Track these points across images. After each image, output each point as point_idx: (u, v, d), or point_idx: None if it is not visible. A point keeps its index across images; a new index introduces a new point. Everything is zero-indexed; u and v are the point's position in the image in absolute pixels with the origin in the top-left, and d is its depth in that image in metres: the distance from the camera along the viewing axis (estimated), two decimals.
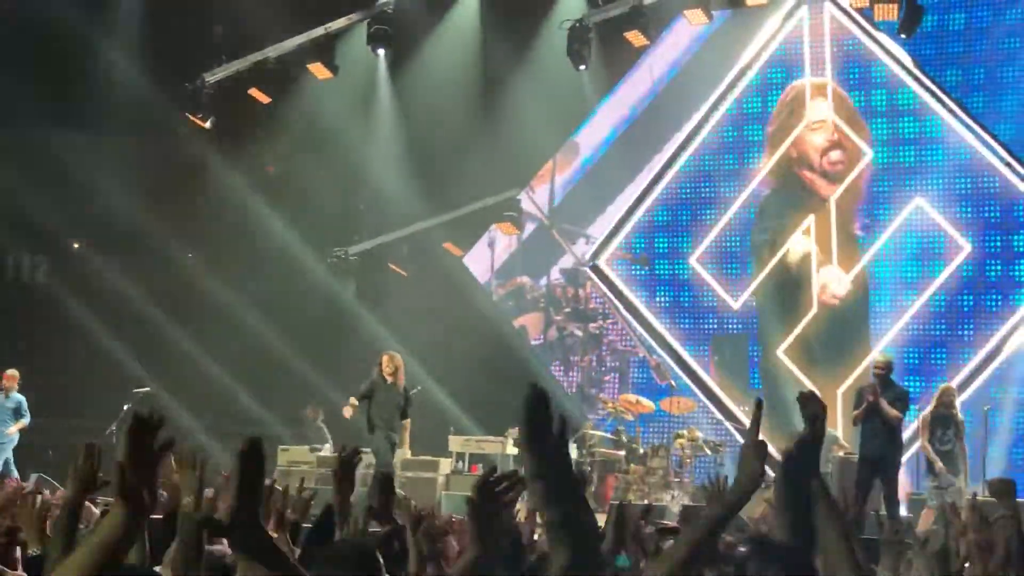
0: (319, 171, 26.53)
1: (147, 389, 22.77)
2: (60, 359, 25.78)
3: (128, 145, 26.60)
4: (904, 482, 19.21)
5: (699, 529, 4.33)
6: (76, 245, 28.02)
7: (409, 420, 20.21)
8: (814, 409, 3.26)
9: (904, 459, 19.14)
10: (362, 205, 28.30)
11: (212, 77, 25.37)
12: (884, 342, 22.81)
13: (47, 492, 12.38)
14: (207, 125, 25.43)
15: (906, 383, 22.04)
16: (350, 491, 6.78)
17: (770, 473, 4.76)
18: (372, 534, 6.58)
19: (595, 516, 3.37)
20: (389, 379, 19.56)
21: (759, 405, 4.15)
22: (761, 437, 4.15)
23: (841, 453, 19.06)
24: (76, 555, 3.60)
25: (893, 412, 17.00)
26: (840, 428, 20.98)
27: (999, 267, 22.81)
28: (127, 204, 25.49)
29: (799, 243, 24.05)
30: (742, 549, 4.57)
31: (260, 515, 3.55)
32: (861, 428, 17.34)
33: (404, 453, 21.12)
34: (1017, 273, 22.67)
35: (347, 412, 19.93)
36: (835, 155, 24.06)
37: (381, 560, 4.66)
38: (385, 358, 19.81)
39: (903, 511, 18.36)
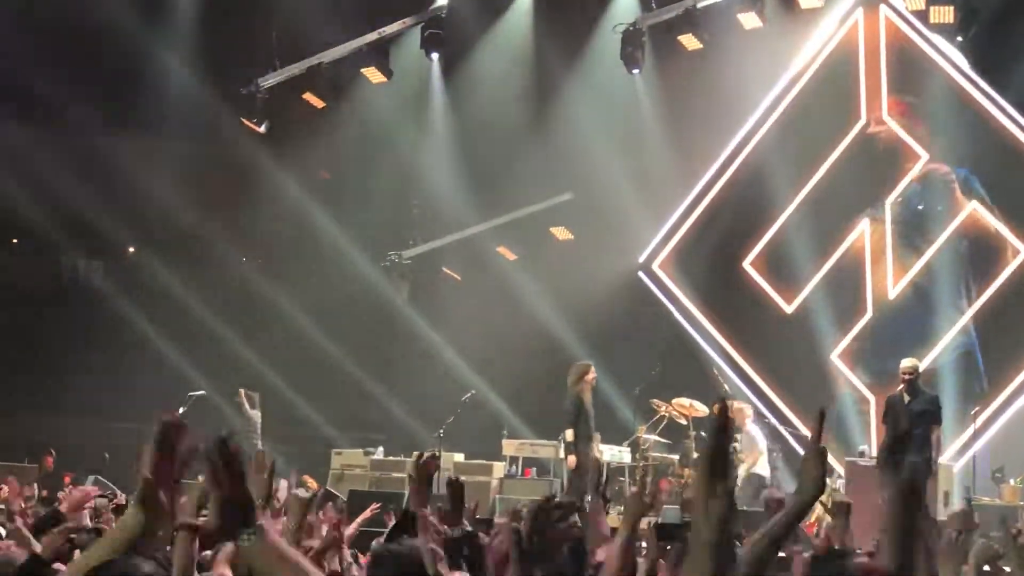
0: (373, 175, 26.61)
1: (201, 392, 22.89)
2: (115, 362, 25.93)
3: (183, 149, 26.78)
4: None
5: (762, 541, 4.32)
6: (131, 249, 28.19)
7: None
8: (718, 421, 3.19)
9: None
10: (416, 209, 28.35)
11: (267, 82, 25.47)
12: (939, 347, 22.70)
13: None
14: (262, 129, 25.54)
15: (962, 386, 22.05)
16: (426, 499, 6.53)
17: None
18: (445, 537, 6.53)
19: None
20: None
21: (822, 415, 4.12)
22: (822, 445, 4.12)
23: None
24: (91, 552, 3.68)
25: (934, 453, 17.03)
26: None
27: None
28: (182, 208, 25.66)
29: (854, 247, 23.94)
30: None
31: (251, 511, 3.53)
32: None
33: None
34: None
35: (571, 462, 19.94)
36: (891, 158, 23.94)
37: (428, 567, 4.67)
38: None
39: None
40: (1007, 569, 6.16)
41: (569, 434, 19.58)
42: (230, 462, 3.50)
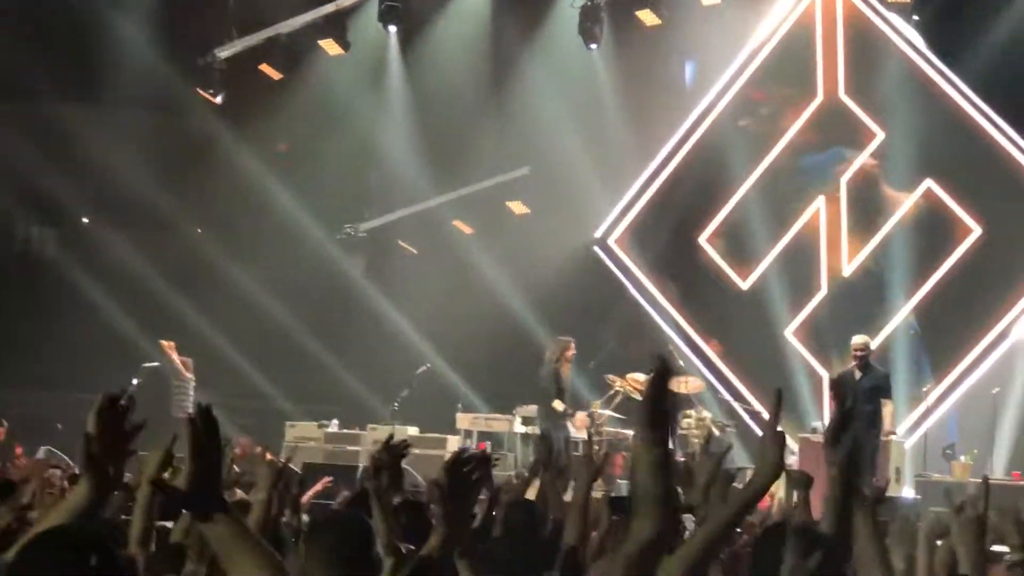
0: (329, 148, 26.53)
1: (155, 364, 22.82)
2: (68, 333, 25.78)
3: (139, 119, 26.62)
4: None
5: (720, 519, 4.34)
6: (85, 219, 28.03)
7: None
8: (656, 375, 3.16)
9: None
10: (372, 182, 28.31)
11: (223, 53, 25.37)
12: (893, 323, 22.82)
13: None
14: (218, 100, 25.44)
15: (914, 364, 22.21)
16: (396, 489, 6.15)
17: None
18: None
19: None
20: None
21: (779, 397, 4.14)
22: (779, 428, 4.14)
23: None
24: (42, 521, 3.69)
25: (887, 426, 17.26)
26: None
27: (1008, 249, 22.76)
28: (137, 178, 25.51)
29: (809, 224, 24.02)
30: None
31: (220, 484, 3.53)
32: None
33: None
34: None
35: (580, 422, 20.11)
36: (848, 136, 24.03)
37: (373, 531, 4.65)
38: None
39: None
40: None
41: (558, 404, 19.63)
42: (212, 433, 3.50)
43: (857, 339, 18.31)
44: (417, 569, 4.45)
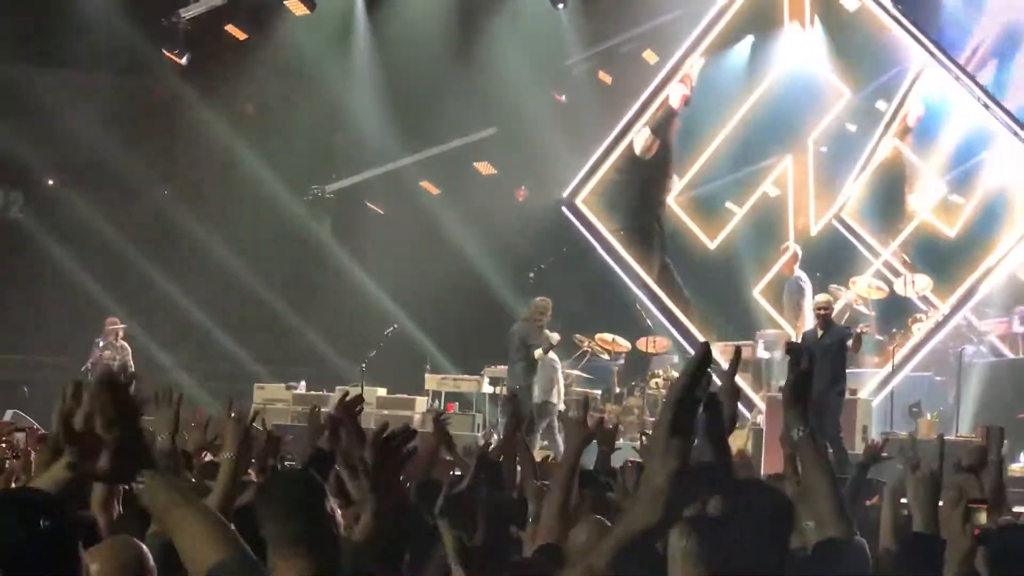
0: (296, 109, 26.45)
1: (123, 326, 22.73)
2: (35, 295, 25.70)
3: (104, 81, 26.48)
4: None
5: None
6: (51, 182, 27.88)
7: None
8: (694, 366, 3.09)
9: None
10: (339, 143, 28.22)
11: (188, 13, 25.21)
12: (860, 283, 22.86)
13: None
14: (183, 62, 25.29)
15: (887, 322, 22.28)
16: (359, 441, 6.07)
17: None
18: None
19: None
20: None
21: (738, 353, 4.14)
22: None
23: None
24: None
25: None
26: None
27: (978, 208, 22.82)
28: (103, 141, 25.37)
29: (776, 184, 24.04)
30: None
31: (145, 450, 3.46)
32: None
33: None
34: (995, 211, 22.69)
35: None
36: (815, 95, 24.03)
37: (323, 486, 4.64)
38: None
39: None
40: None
41: (555, 337, 19.42)
42: (122, 399, 3.41)
43: (819, 298, 18.43)
44: (360, 554, 4.46)
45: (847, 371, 17.80)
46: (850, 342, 17.53)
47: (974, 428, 19.51)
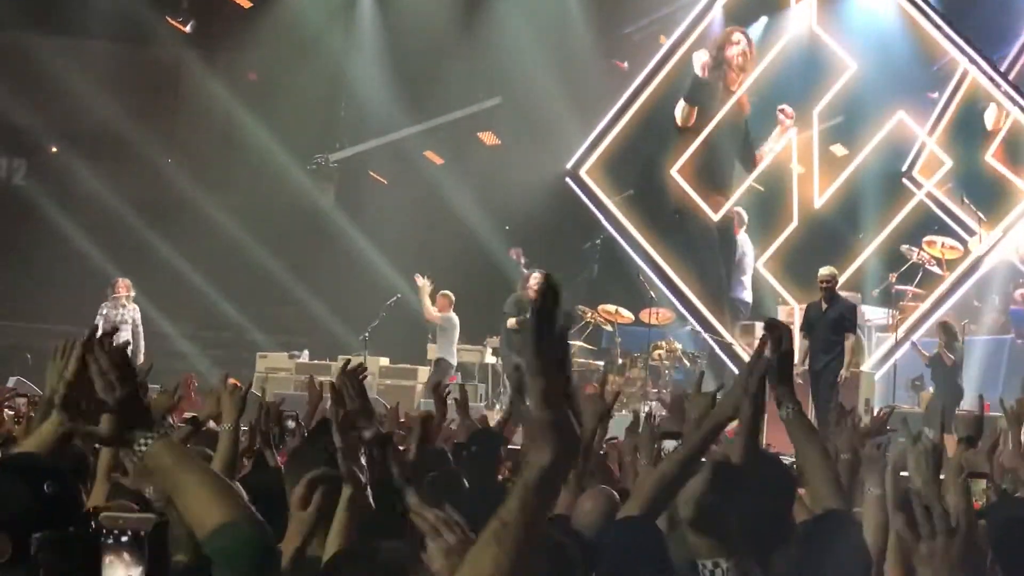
0: (300, 77, 26.37)
1: (131, 292, 22.67)
2: (39, 263, 25.69)
3: (108, 48, 26.42)
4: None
5: (693, 442, 4.36)
6: (54, 149, 27.85)
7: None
8: None
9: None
10: (343, 112, 28.17)
11: None
12: (864, 256, 22.84)
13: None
14: (187, 30, 25.23)
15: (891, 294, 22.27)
16: (367, 419, 5.99)
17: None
18: None
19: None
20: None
21: (773, 326, 4.15)
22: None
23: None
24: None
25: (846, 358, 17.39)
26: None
27: (979, 181, 22.78)
28: (107, 108, 25.35)
29: (781, 156, 23.96)
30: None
31: (145, 412, 3.46)
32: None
33: None
34: (996, 187, 22.65)
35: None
36: (820, 67, 23.95)
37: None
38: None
39: None
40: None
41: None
42: (118, 360, 3.43)
43: (824, 270, 18.38)
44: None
45: None
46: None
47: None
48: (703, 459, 4.45)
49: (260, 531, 3.35)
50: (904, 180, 23.25)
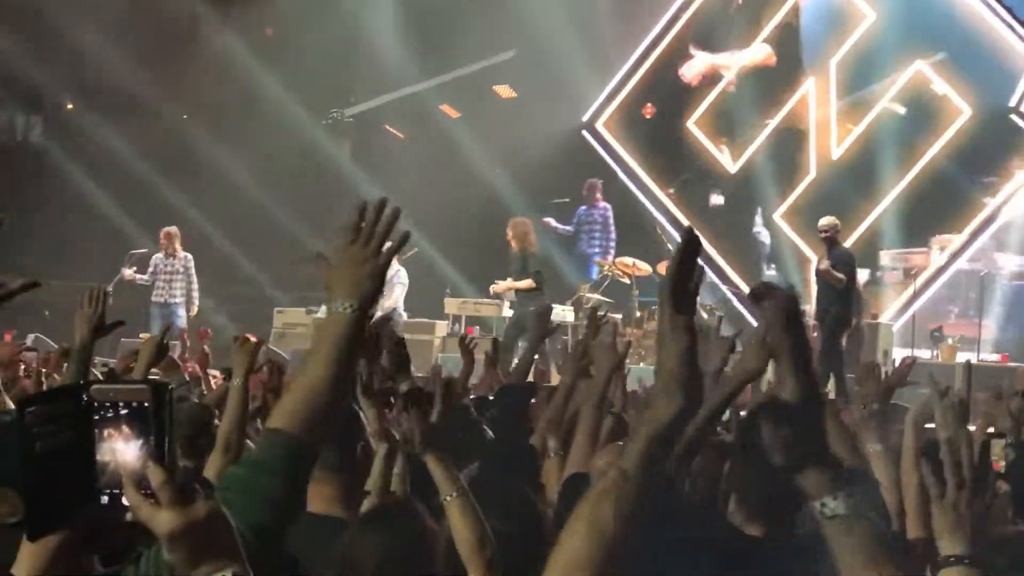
0: (316, 32, 26.28)
1: (144, 251, 22.72)
2: (55, 219, 25.71)
3: (123, 3, 26.32)
4: None
5: (713, 401, 4.33)
6: (70, 105, 27.83)
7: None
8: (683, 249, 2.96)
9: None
10: (359, 67, 28.09)
11: None
12: (881, 207, 22.79)
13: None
14: None
15: (901, 248, 22.21)
16: (405, 374, 6.12)
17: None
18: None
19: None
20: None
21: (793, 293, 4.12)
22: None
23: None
24: None
25: (836, 277, 17.28)
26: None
27: (998, 132, 22.69)
28: (122, 64, 25.28)
29: (798, 107, 23.89)
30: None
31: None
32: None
33: None
34: (1015, 139, 22.56)
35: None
36: (838, 18, 23.84)
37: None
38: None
39: None
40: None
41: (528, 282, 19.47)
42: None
43: (823, 220, 18.21)
44: None
45: None
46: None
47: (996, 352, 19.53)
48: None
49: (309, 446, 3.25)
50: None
